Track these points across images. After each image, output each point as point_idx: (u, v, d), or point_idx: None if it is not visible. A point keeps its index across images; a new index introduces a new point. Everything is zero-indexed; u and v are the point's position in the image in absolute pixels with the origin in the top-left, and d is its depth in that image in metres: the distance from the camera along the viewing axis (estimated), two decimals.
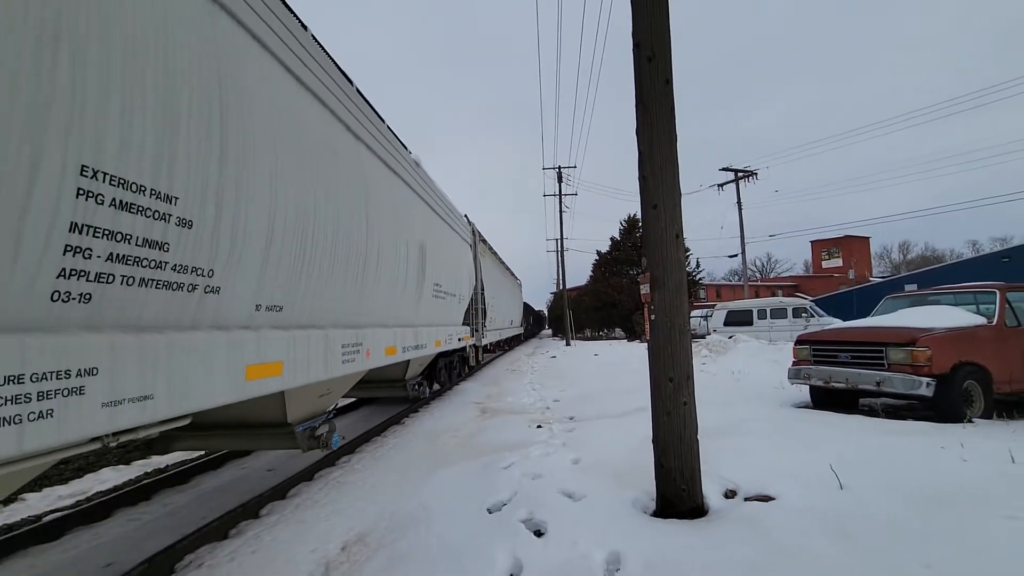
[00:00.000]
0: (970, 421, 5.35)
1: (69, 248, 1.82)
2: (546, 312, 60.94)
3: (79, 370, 1.85)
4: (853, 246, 54.94)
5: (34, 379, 1.68)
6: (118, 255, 2.02)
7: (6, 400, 1.59)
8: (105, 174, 1.93)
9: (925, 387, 5.52)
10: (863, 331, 6.63)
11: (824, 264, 56.87)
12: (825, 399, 6.86)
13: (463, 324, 9.76)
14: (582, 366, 14.58)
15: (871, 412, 6.31)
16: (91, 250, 1.90)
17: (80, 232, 1.85)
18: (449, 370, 10.61)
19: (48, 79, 1.71)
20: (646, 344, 3.51)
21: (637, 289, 3.54)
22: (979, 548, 2.42)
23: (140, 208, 2.10)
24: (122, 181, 2.00)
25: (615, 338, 33.72)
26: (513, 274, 22.34)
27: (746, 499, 3.36)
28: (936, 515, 2.80)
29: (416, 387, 8.01)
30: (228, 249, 2.67)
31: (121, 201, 2.01)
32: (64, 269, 1.82)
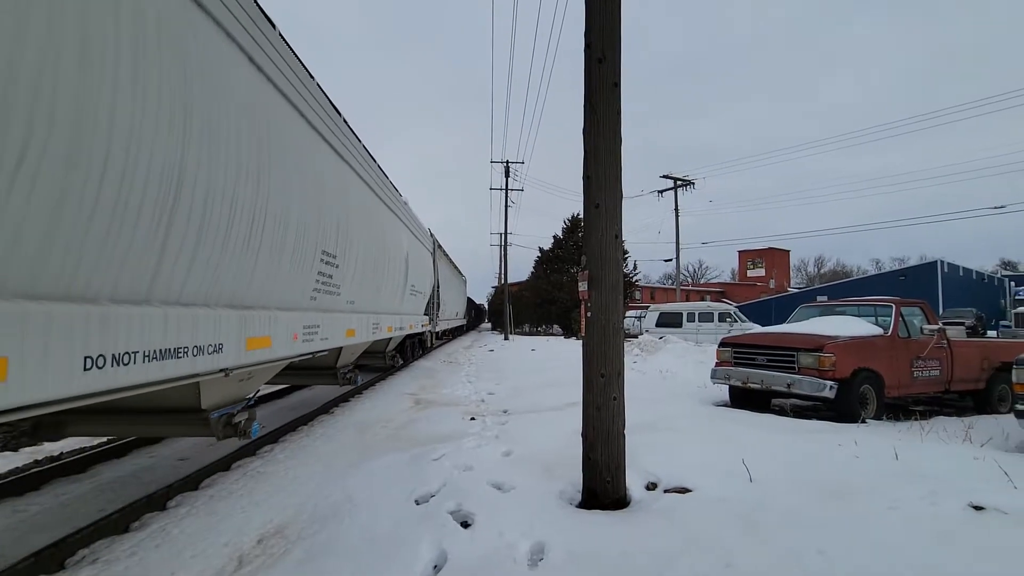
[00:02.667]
0: (864, 421, 5.90)
1: (317, 281, 4.74)
2: (487, 306, 60.95)
3: (317, 325, 4.86)
4: (775, 258, 59.14)
5: (310, 327, 4.71)
6: (322, 281, 4.88)
7: (309, 333, 4.67)
8: (326, 251, 4.81)
9: (828, 390, 6.02)
10: (778, 337, 7.14)
11: (749, 273, 60.83)
12: (742, 399, 7.34)
13: (424, 314, 12.19)
14: (519, 361, 14.72)
15: (781, 412, 6.82)
16: (319, 280, 4.79)
17: (318, 275, 4.76)
18: (412, 348, 13.63)
19: (327, 232, 5.01)
20: (582, 342, 3.59)
21: (576, 287, 3.62)
22: (865, 534, 2.68)
23: (329, 262, 5.00)
24: (328, 252, 4.92)
25: (553, 334, 34.33)
26: (459, 271, 24.06)
27: (666, 491, 3.52)
28: (831, 505, 3.07)
29: (392, 357, 10.94)
30: (343, 274, 5.50)
31: (326, 260, 4.89)
32: (313, 290, 4.72)
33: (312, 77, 4.55)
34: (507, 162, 31.36)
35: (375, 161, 6.81)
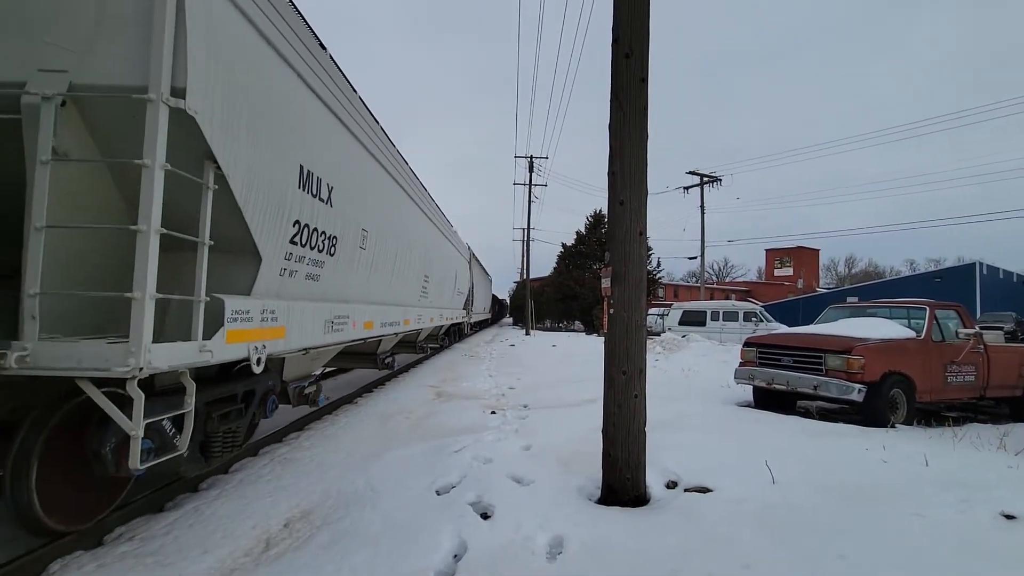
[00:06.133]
0: (893, 426, 5.75)
1: (421, 291, 8.78)
2: (508, 301, 61.04)
3: (420, 315, 9.02)
4: (804, 257, 57.60)
5: (419, 315, 8.92)
6: (422, 291, 8.88)
7: (418, 318, 8.89)
8: (425, 275, 8.99)
9: (857, 393, 5.88)
10: (805, 337, 6.99)
11: (776, 272, 59.40)
12: (766, 399, 7.22)
13: (463, 308, 16.31)
14: (540, 356, 14.74)
15: (807, 414, 6.69)
16: (421, 291, 8.84)
17: (421, 288, 8.80)
18: (454, 334, 18.23)
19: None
20: (603, 338, 3.59)
21: (598, 284, 3.63)
22: (888, 541, 2.63)
23: (426, 281, 9.09)
24: (426, 276, 9.06)
25: (574, 330, 34.21)
26: (486, 271, 27.15)
27: (686, 490, 3.51)
28: (854, 510, 3.02)
29: (441, 339, 15.03)
30: (431, 286, 9.54)
31: (425, 280, 8.97)
32: (419, 296, 8.71)
33: (424, 186, 8.45)
34: (531, 157, 31.26)
35: (442, 212, 10.67)
